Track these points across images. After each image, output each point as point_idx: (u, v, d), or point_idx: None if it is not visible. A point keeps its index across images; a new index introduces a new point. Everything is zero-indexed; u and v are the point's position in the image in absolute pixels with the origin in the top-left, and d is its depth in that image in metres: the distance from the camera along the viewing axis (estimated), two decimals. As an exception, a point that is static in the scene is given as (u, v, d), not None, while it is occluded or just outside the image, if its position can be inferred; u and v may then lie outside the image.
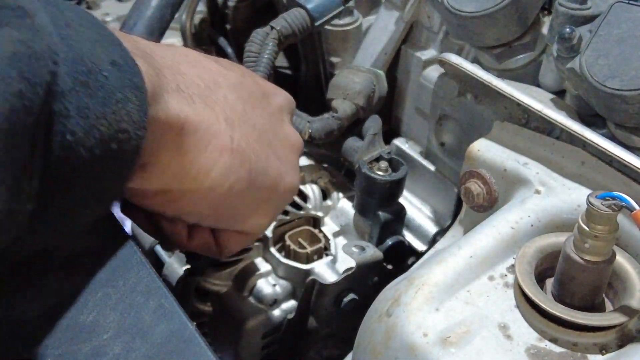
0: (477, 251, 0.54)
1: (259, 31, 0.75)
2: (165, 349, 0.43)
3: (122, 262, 0.48)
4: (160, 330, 0.44)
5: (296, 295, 0.75)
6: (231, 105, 0.53)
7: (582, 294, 0.50)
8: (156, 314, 0.45)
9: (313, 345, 0.75)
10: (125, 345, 0.43)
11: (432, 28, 0.84)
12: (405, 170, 0.75)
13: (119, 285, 0.46)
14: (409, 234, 0.83)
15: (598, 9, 0.63)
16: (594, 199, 0.46)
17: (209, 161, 0.49)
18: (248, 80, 0.58)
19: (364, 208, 0.76)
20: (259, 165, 0.53)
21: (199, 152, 0.48)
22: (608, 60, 0.58)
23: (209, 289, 0.74)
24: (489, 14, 0.67)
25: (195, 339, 0.43)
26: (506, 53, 0.73)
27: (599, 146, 0.55)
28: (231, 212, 0.54)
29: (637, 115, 0.57)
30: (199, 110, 0.48)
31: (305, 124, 0.77)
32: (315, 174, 0.82)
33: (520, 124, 0.63)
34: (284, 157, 0.58)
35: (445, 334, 0.49)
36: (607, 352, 0.48)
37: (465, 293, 0.52)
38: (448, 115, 0.73)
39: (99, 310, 0.45)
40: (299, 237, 0.77)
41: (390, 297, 0.52)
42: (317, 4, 0.77)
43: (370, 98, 0.80)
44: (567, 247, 0.49)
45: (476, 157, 0.63)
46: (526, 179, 0.59)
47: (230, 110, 0.52)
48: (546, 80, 0.72)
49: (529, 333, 0.50)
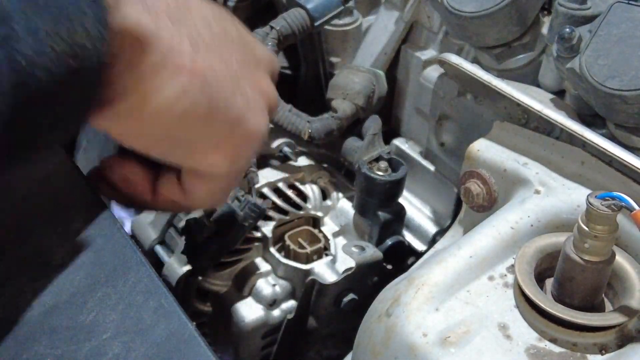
0: (476, 251, 0.54)
1: (258, 31, 0.75)
2: (165, 348, 0.43)
3: (122, 262, 0.48)
4: (160, 330, 0.44)
5: (296, 295, 0.75)
6: (200, 32, 0.49)
7: (581, 294, 0.50)
8: (156, 313, 0.45)
9: (313, 345, 0.75)
10: (125, 345, 0.43)
11: (432, 28, 0.84)
12: (404, 170, 0.75)
13: (119, 285, 0.46)
14: (409, 234, 0.83)
15: (598, 9, 0.63)
16: (594, 199, 0.46)
17: (163, 79, 0.46)
18: (228, 22, 0.54)
19: (363, 208, 0.76)
20: (222, 97, 0.50)
21: (154, 69, 0.45)
22: (608, 61, 0.58)
23: (209, 289, 0.75)
24: (488, 14, 0.67)
25: (195, 339, 0.43)
26: (506, 53, 0.73)
27: (599, 146, 0.55)
28: (187, 143, 0.50)
29: (637, 115, 0.57)
30: (161, 26, 0.45)
31: (305, 124, 0.77)
32: (315, 174, 0.82)
33: (520, 124, 0.63)
34: (253, 101, 0.53)
35: (445, 334, 0.49)
36: (606, 352, 0.48)
37: (465, 293, 0.52)
38: (448, 115, 0.73)
39: (99, 310, 0.45)
40: (299, 237, 0.77)
41: (390, 297, 0.52)
42: (317, 4, 0.77)
43: (370, 98, 0.80)
44: (566, 247, 0.49)
45: (476, 157, 0.63)
46: (526, 179, 0.59)
47: (198, 35, 0.48)
48: (546, 81, 0.72)
49: (529, 333, 0.50)
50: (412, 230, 0.83)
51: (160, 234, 0.77)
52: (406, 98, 0.89)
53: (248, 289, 0.75)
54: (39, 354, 0.42)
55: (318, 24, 0.77)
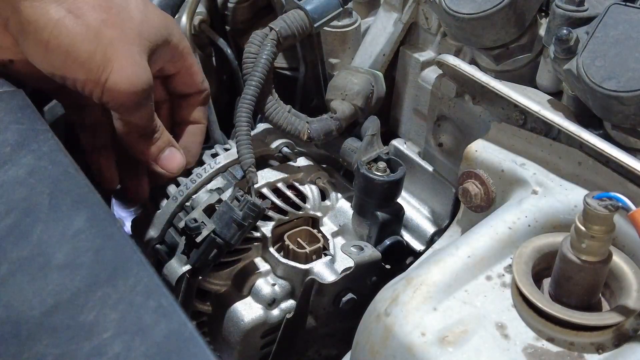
0: (474, 251, 0.54)
1: (258, 32, 0.75)
2: (165, 348, 0.43)
3: (122, 262, 0.48)
4: (160, 330, 0.44)
5: (295, 294, 0.75)
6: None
7: (578, 293, 0.50)
8: (156, 313, 0.45)
9: (312, 345, 0.76)
10: (125, 344, 0.43)
11: (430, 29, 0.85)
12: (403, 170, 0.75)
13: (119, 285, 0.46)
14: (407, 234, 0.83)
15: (595, 10, 0.63)
16: (591, 199, 0.46)
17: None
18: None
19: (362, 208, 0.76)
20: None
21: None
22: (605, 62, 0.58)
23: (209, 289, 0.75)
24: (486, 15, 0.67)
25: (194, 339, 0.43)
26: (504, 54, 0.74)
27: (596, 147, 0.55)
28: (78, 55, 0.60)
29: (634, 116, 0.57)
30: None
31: (304, 124, 0.77)
32: (314, 174, 0.82)
33: (517, 125, 0.63)
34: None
35: (443, 334, 0.49)
36: (603, 352, 0.49)
37: (462, 293, 0.52)
38: (446, 116, 0.73)
39: (99, 310, 0.45)
40: (298, 237, 0.77)
41: (388, 297, 0.53)
42: (316, 6, 0.77)
43: (369, 99, 0.80)
44: (564, 247, 0.49)
45: (474, 157, 0.63)
46: (523, 180, 0.59)
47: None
48: (543, 82, 0.72)
49: (526, 332, 0.50)
50: (411, 230, 0.83)
51: (160, 234, 0.77)
52: (404, 99, 0.89)
53: (247, 289, 0.75)
54: (39, 353, 0.42)
55: (317, 25, 0.77)
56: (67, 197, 0.53)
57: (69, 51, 0.59)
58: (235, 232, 0.68)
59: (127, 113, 0.67)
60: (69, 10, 0.59)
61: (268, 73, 0.74)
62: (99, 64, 0.61)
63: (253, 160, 0.72)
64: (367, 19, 0.95)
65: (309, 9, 0.76)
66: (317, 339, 0.75)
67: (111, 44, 0.61)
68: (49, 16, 0.58)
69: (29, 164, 0.54)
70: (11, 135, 0.57)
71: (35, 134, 0.57)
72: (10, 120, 0.58)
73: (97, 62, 0.61)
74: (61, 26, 0.58)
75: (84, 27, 0.59)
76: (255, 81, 0.73)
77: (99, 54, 0.61)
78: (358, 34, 0.91)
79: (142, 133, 0.70)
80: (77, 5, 0.59)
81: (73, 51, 0.60)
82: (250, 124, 0.73)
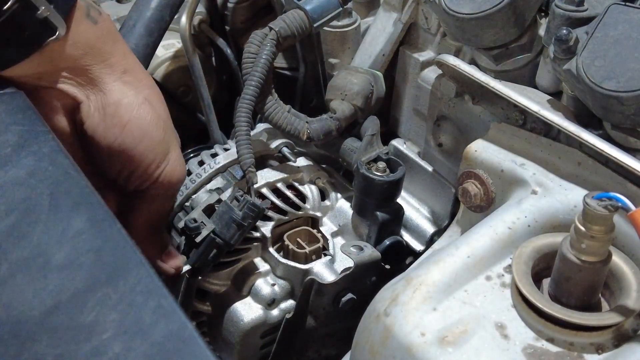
0: (474, 251, 0.54)
1: (257, 32, 0.76)
2: (165, 348, 0.43)
3: (122, 262, 0.48)
4: (160, 330, 0.44)
5: (295, 294, 0.75)
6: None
7: (578, 294, 0.50)
8: (156, 313, 0.45)
9: (311, 345, 0.76)
10: (124, 344, 0.43)
11: (430, 29, 0.85)
12: (403, 170, 0.75)
13: (119, 285, 0.46)
14: (407, 234, 0.83)
15: (594, 10, 0.63)
16: (591, 199, 0.46)
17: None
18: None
19: (362, 208, 0.76)
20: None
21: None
22: (604, 62, 0.58)
23: (208, 289, 0.75)
24: (486, 15, 0.67)
25: (194, 339, 0.43)
26: (503, 54, 0.74)
27: (595, 147, 0.55)
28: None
29: (633, 117, 0.57)
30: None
31: (304, 124, 0.77)
32: (314, 174, 0.82)
33: (517, 125, 0.63)
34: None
35: (442, 334, 0.49)
36: (603, 352, 0.49)
37: (462, 293, 0.52)
38: (445, 116, 0.73)
39: (99, 310, 0.45)
40: (298, 237, 0.77)
41: (388, 297, 0.53)
42: (315, 6, 0.77)
43: (369, 99, 0.80)
44: (563, 247, 0.49)
45: (473, 157, 0.63)
46: (523, 180, 0.59)
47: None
48: (543, 82, 0.72)
49: (526, 332, 0.50)
50: (410, 230, 0.83)
51: (160, 234, 0.77)
52: (404, 99, 0.89)
53: (247, 289, 0.75)
54: (39, 353, 0.42)
55: (317, 25, 0.77)
56: (68, 198, 0.53)
57: (144, 135, 0.63)
58: (234, 232, 0.68)
59: (165, 201, 0.69)
60: (145, 98, 0.64)
61: (268, 73, 0.74)
62: (165, 151, 0.66)
63: (253, 160, 0.72)
64: (367, 19, 0.95)
65: (308, 9, 0.76)
66: (316, 339, 0.75)
67: (171, 136, 0.67)
68: (132, 99, 0.63)
69: (29, 165, 0.54)
70: (11, 136, 0.57)
71: (36, 135, 0.57)
72: (10, 122, 0.58)
73: (163, 149, 0.65)
74: (143, 111, 0.63)
75: (156, 116, 0.64)
76: (255, 81, 0.73)
77: (165, 143, 0.66)
78: (358, 34, 0.91)
79: (156, 226, 0.70)
80: (151, 96, 0.65)
81: (148, 136, 0.64)
82: (250, 124, 0.73)
